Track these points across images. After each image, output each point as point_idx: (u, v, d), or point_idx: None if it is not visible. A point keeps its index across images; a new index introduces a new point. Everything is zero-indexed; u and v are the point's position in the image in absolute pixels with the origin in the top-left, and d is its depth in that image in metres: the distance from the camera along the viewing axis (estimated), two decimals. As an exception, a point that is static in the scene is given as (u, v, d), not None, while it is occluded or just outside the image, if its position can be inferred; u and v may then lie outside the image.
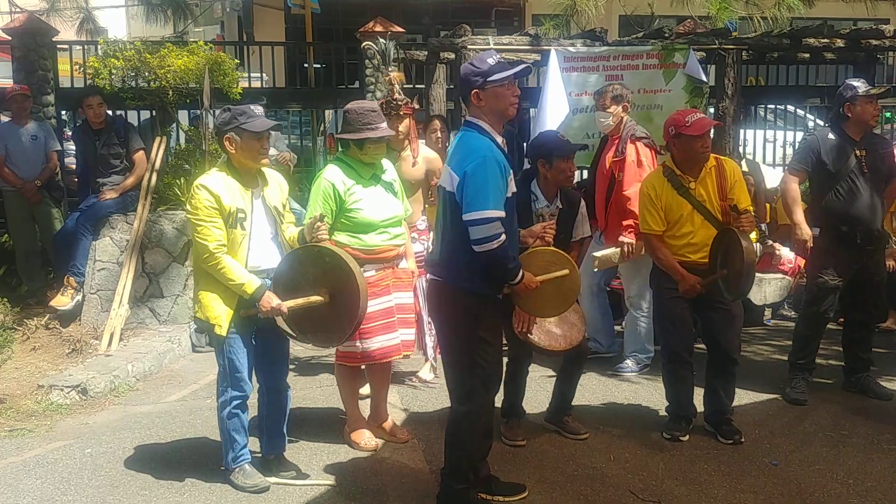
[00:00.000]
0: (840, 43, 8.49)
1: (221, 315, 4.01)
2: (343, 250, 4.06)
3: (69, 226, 7.34)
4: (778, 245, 7.59)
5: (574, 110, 7.39)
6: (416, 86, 8.75)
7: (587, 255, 5.38)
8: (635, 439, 4.79)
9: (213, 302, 4.02)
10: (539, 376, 5.41)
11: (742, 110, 8.70)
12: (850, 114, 5.26)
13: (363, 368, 4.79)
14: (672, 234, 4.76)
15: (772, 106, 11.25)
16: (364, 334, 4.38)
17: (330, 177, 4.44)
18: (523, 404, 4.86)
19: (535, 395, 5.21)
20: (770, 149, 10.67)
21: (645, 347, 6.03)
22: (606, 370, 5.96)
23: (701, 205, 4.68)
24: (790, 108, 11.49)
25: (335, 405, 5.14)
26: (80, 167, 7.93)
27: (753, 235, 6.18)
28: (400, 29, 8.86)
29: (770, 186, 8.00)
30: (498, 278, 3.73)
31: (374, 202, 4.47)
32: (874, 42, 8.60)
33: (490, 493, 4.03)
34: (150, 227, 7.17)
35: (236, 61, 8.53)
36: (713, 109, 8.09)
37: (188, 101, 8.15)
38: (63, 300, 7.03)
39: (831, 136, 5.33)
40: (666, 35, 7.96)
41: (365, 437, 4.68)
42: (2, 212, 8.02)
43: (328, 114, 10.25)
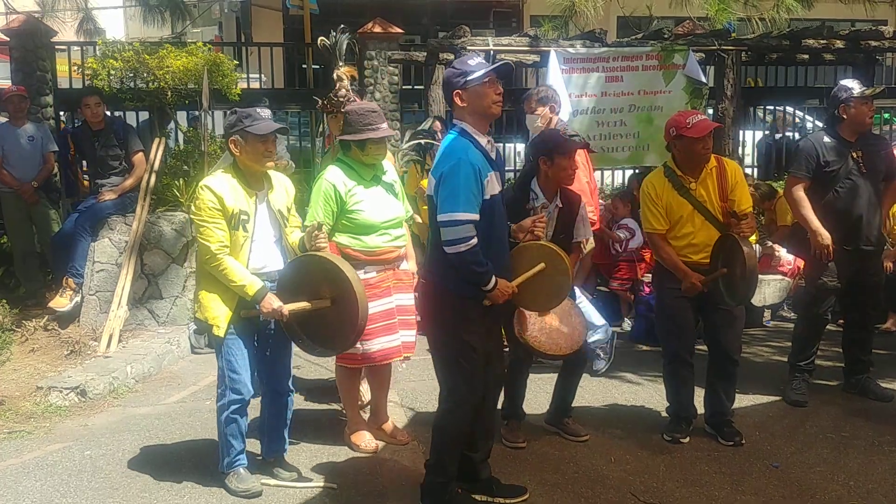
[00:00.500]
0: (839, 44, 8.52)
1: (220, 316, 4.01)
2: (341, 259, 4.06)
3: (68, 227, 7.32)
4: (777, 246, 7.59)
5: (574, 111, 7.39)
6: (416, 87, 8.74)
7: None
8: (636, 441, 4.79)
9: (213, 302, 4.02)
10: (539, 378, 5.40)
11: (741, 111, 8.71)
12: (846, 115, 5.26)
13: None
14: (673, 235, 4.75)
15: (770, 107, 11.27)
16: (365, 336, 4.35)
17: (331, 178, 4.43)
18: (524, 406, 4.85)
19: (536, 397, 5.21)
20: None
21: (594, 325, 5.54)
22: (606, 371, 5.94)
23: (702, 205, 4.68)
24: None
25: (335, 407, 5.13)
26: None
27: (753, 237, 6.17)
28: (399, 30, 8.86)
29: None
30: (470, 282, 3.73)
31: (375, 203, 4.47)
32: (873, 43, 8.63)
33: (491, 495, 4.04)
34: (149, 229, 7.15)
35: (235, 62, 8.51)
36: (712, 110, 8.10)
37: (187, 102, 8.12)
38: (62, 301, 7.01)
39: (827, 139, 5.32)
40: (665, 36, 7.97)
41: (365, 439, 4.67)
42: (-1, 213, 8.00)
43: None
